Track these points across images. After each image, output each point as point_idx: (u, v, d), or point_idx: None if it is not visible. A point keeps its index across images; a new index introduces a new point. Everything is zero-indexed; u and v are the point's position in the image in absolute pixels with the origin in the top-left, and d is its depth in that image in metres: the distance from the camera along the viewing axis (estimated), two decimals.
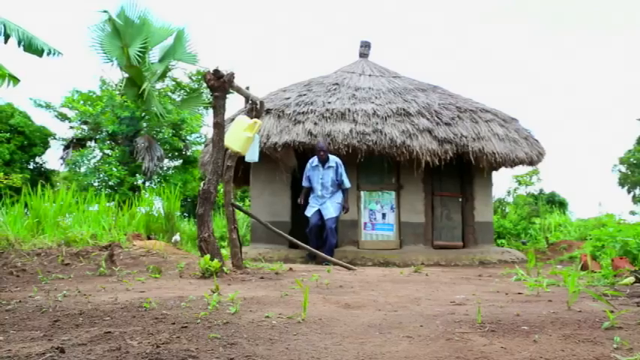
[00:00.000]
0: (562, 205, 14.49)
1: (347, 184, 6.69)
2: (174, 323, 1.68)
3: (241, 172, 8.36)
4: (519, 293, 2.79)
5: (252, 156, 4.47)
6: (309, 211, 6.69)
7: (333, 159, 6.65)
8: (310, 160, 6.85)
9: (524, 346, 1.45)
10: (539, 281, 3.30)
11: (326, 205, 6.64)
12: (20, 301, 2.14)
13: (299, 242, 5.21)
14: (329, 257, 5.43)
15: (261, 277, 3.48)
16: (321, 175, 6.68)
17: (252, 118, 4.53)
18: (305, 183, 6.88)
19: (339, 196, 6.71)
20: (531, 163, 8.03)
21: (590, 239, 5.54)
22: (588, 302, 2.33)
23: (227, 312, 1.91)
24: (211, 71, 4.07)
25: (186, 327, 1.61)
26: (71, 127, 19.31)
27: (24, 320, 1.76)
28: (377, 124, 7.04)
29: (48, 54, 6.86)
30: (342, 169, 6.64)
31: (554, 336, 1.56)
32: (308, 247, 5.41)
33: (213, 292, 2.43)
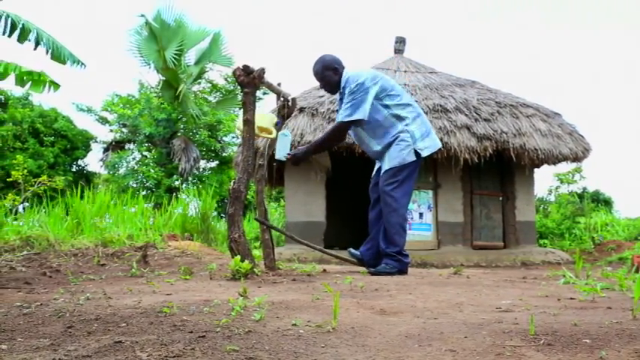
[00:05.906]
0: (607, 203, 13.90)
1: (343, 115, 3.89)
2: (192, 332, 1.55)
3: (275, 171, 8.30)
4: (572, 298, 2.54)
5: (281, 152, 4.22)
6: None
7: (350, 76, 3.87)
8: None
9: None
10: (590, 284, 3.04)
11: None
12: (41, 304, 2.08)
13: (326, 250, 4.79)
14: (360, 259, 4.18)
15: (293, 279, 3.34)
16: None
17: (283, 116, 4.42)
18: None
19: (387, 136, 3.91)
20: (576, 159, 7.71)
21: None
22: None
23: (251, 318, 1.78)
24: (241, 67, 3.97)
25: (203, 336, 1.48)
26: (111, 130, 19.83)
27: (37, 326, 1.68)
28: None
29: (72, 64, 7.03)
30: (351, 87, 3.80)
31: (624, 352, 1.35)
32: (338, 254, 4.55)
33: (241, 296, 2.31)
